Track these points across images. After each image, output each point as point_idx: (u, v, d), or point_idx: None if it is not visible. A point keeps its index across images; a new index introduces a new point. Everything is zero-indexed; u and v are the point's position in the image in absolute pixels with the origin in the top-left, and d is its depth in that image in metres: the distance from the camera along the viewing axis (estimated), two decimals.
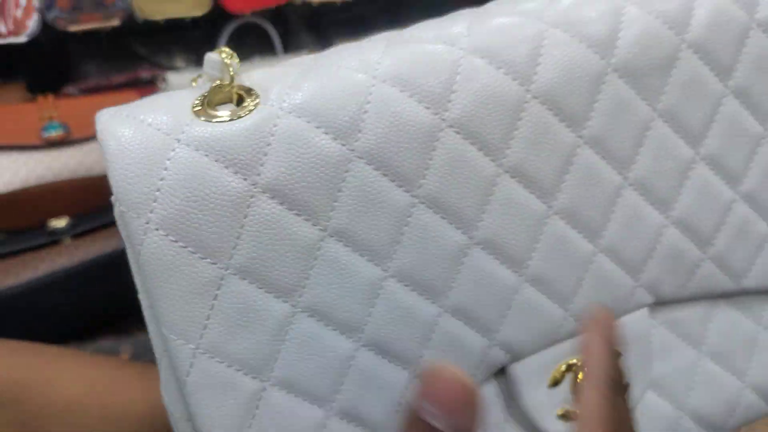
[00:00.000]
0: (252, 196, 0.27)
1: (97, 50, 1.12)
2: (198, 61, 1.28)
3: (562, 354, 0.34)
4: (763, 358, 0.38)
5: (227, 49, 0.29)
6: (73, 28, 0.98)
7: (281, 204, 0.28)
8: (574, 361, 0.34)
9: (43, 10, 0.97)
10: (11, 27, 0.96)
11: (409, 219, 0.29)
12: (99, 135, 0.28)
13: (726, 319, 0.37)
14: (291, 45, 1.28)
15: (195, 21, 1.10)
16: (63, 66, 1.11)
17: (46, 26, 0.98)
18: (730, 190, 0.35)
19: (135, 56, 1.12)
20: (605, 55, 0.31)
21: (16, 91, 1.11)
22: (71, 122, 0.94)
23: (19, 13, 0.96)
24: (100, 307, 0.89)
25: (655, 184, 0.33)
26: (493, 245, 0.31)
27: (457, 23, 0.30)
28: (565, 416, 0.34)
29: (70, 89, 1.06)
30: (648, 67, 0.32)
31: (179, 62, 1.23)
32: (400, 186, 0.29)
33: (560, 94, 0.30)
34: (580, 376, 0.30)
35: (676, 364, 0.37)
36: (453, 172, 0.29)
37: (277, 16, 1.29)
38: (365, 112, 0.28)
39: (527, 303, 0.32)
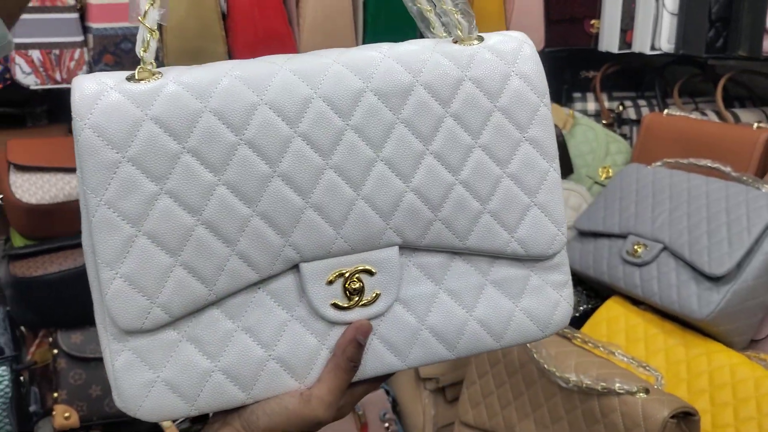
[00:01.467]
0: (143, 120, 0.44)
1: None
2: None
3: (336, 264, 0.49)
4: (487, 302, 0.53)
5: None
6: None
7: (160, 128, 0.45)
8: (344, 270, 0.50)
9: (92, 64, 1.18)
10: (65, 75, 1.17)
11: (236, 151, 0.46)
12: (73, 82, 0.46)
13: (460, 269, 0.53)
14: None
15: None
16: None
17: None
18: (451, 176, 0.51)
19: None
20: (365, 80, 0.49)
21: (59, 131, 1.32)
22: None
23: (72, 64, 1.17)
24: None
25: (398, 163, 0.49)
26: (288, 178, 0.47)
27: (297, 56, 0.50)
28: (334, 305, 0.50)
29: None
30: (392, 92, 0.49)
31: None
32: (231, 131, 0.46)
33: (335, 97, 0.48)
34: (347, 276, 0.50)
35: (420, 292, 0.52)
36: (264, 127, 0.46)
37: None
38: (217, 87, 0.46)
39: (310, 221, 0.48)
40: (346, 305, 0.50)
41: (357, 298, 0.50)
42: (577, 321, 1.23)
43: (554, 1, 1.58)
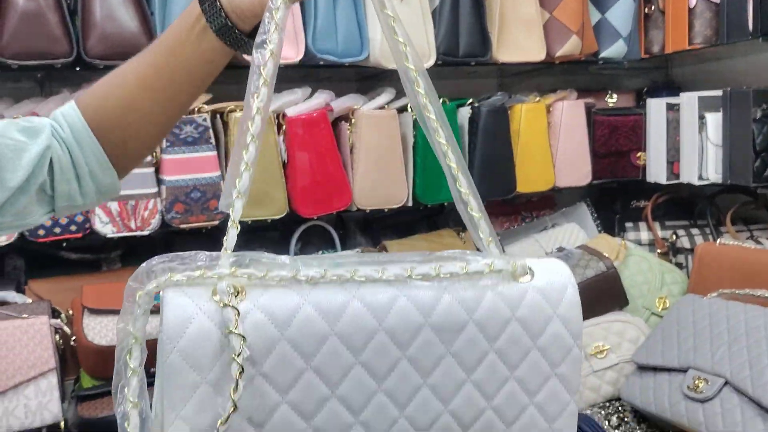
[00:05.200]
0: (226, 347, 0.49)
1: (195, 244, 1.40)
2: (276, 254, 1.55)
3: None
4: None
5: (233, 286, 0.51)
6: (184, 226, 1.28)
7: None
8: None
9: (164, 212, 1.27)
10: (139, 223, 1.27)
11: (302, 375, 0.51)
12: (165, 297, 0.50)
13: None
14: (348, 244, 1.56)
15: (274, 223, 1.39)
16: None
17: (163, 224, 1.28)
18: (485, 402, 0.56)
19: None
20: (426, 316, 0.54)
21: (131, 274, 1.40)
22: None
23: (146, 213, 1.27)
24: None
25: (441, 389, 0.55)
26: (344, 399, 0.52)
27: (368, 284, 0.53)
28: None
29: None
30: (447, 328, 0.54)
31: None
32: (302, 358, 0.51)
33: (397, 331, 0.53)
34: None
35: None
36: (331, 355, 0.51)
37: (338, 221, 1.58)
38: (294, 317, 0.51)
39: None
40: None
41: None
42: None
43: (598, 135, 1.64)
